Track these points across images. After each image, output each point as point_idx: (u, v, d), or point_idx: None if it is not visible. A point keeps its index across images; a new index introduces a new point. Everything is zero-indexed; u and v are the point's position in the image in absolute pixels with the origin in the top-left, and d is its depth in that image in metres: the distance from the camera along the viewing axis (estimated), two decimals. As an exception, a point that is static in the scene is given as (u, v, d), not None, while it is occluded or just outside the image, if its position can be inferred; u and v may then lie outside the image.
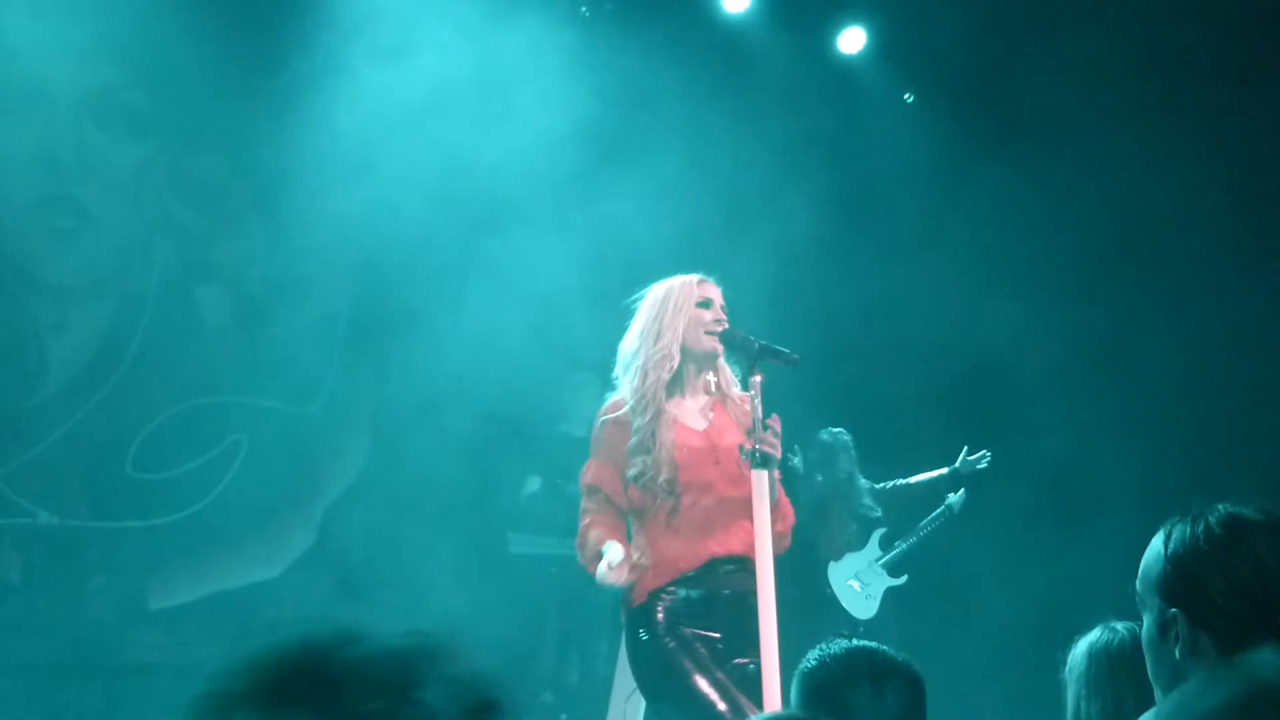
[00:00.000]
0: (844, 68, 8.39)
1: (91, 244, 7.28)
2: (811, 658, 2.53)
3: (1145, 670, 2.63)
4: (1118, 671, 2.81)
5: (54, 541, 7.00)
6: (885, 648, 2.54)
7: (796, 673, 2.54)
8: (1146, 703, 2.63)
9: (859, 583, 7.49)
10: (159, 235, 7.45)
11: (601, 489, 4.42)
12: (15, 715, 6.25)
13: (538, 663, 7.11)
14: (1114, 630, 2.90)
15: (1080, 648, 2.92)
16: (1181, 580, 2.14)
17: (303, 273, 7.58)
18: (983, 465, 7.44)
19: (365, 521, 7.47)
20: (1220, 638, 2.09)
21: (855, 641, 2.57)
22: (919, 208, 8.10)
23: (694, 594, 4.30)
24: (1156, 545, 2.18)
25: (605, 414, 4.48)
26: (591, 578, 4.26)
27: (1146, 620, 2.19)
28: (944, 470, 7.51)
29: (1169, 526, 2.18)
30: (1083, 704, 2.85)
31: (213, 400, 7.39)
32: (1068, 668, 2.93)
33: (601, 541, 4.30)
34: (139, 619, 7.08)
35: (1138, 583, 2.19)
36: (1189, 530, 2.16)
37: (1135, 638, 2.76)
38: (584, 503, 4.46)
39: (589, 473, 4.47)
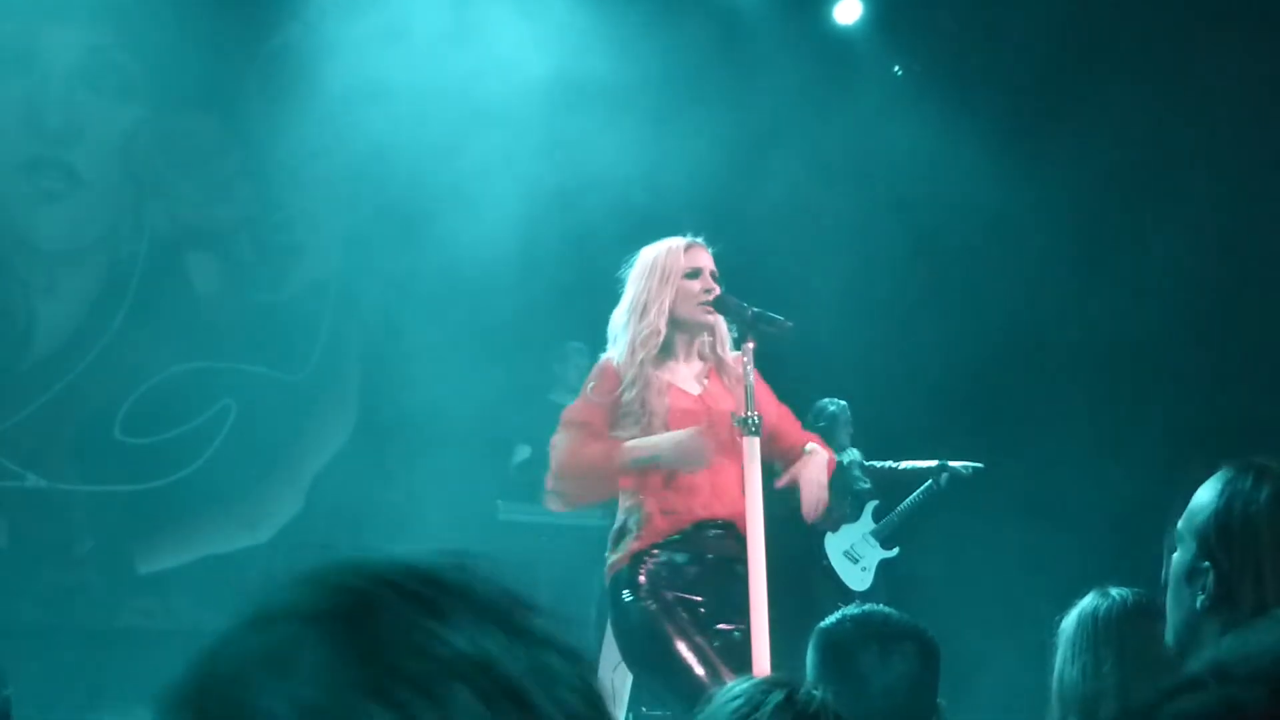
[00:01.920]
0: (840, 39, 8.32)
1: (81, 207, 7.25)
2: (833, 616, 2.60)
3: (1129, 637, 2.75)
4: (1101, 636, 2.82)
5: (42, 505, 6.98)
6: (904, 615, 2.58)
7: (816, 629, 2.60)
8: (1126, 669, 2.73)
9: (854, 554, 7.51)
10: (149, 199, 7.41)
11: (592, 427, 4.30)
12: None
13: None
14: (1107, 595, 2.90)
15: (1072, 612, 2.93)
16: (1225, 538, 2.07)
17: (292, 239, 7.56)
18: (968, 474, 7.44)
19: (352, 488, 7.44)
20: (1255, 605, 2.02)
21: (877, 605, 2.64)
22: (912, 181, 8.06)
23: (678, 557, 4.24)
24: (1209, 492, 2.10)
25: (599, 366, 4.44)
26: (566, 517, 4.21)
27: (1178, 557, 2.14)
28: (934, 463, 7.50)
29: (1227, 476, 2.10)
30: (1066, 667, 2.86)
31: (201, 366, 7.36)
32: (1059, 631, 2.94)
33: (617, 444, 4.23)
34: (127, 583, 7.08)
35: (1181, 520, 2.13)
36: (1247, 488, 2.08)
37: (1126, 604, 2.83)
38: (565, 432, 4.32)
39: (578, 409, 4.37)
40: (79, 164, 7.23)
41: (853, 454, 7.64)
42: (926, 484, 7.50)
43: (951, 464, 7.44)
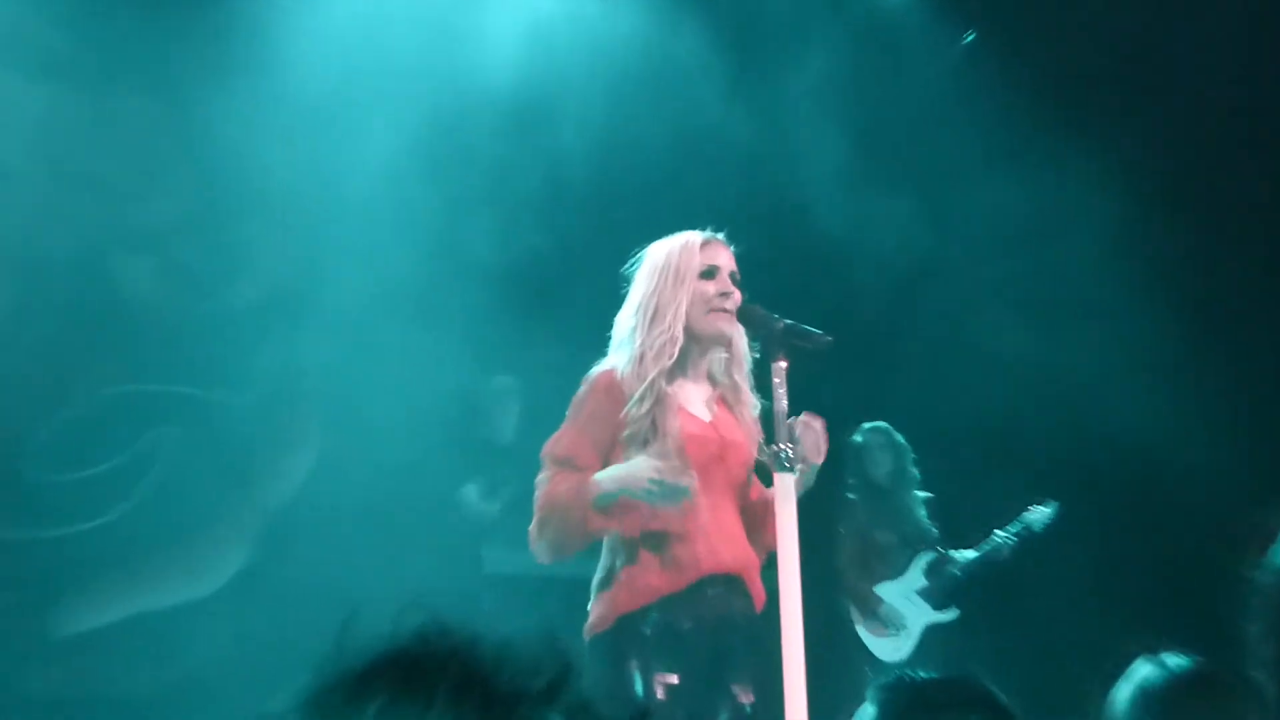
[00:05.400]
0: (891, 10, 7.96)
1: (-5, 203, 6.70)
2: (891, 676, 2.41)
3: (1184, 713, 2.60)
4: (1155, 712, 2.54)
5: (-64, 556, 6.37)
6: (976, 678, 2.36)
7: (874, 687, 2.40)
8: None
9: (891, 619, 6.46)
10: (75, 193, 6.76)
11: (576, 463, 3.91)
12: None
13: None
14: (1163, 665, 2.59)
15: (1124, 683, 2.61)
16: None
17: (240, 238, 6.96)
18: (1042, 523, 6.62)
19: (314, 534, 6.79)
20: None
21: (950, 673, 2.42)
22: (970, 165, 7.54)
23: (673, 623, 3.85)
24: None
25: (594, 380, 4.03)
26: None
27: None
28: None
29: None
30: None
31: (132, 388, 6.74)
32: (1109, 702, 2.63)
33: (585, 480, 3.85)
34: (42, 645, 6.44)
35: None
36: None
37: (1182, 676, 2.63)
38: (546, 473, 3.94)
39: (561, 442, 3.97)
40: (-6, 152, 6.65)
41: (915, 492, 6.69)
42: (1015, 529, 6.55)
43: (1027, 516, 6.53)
